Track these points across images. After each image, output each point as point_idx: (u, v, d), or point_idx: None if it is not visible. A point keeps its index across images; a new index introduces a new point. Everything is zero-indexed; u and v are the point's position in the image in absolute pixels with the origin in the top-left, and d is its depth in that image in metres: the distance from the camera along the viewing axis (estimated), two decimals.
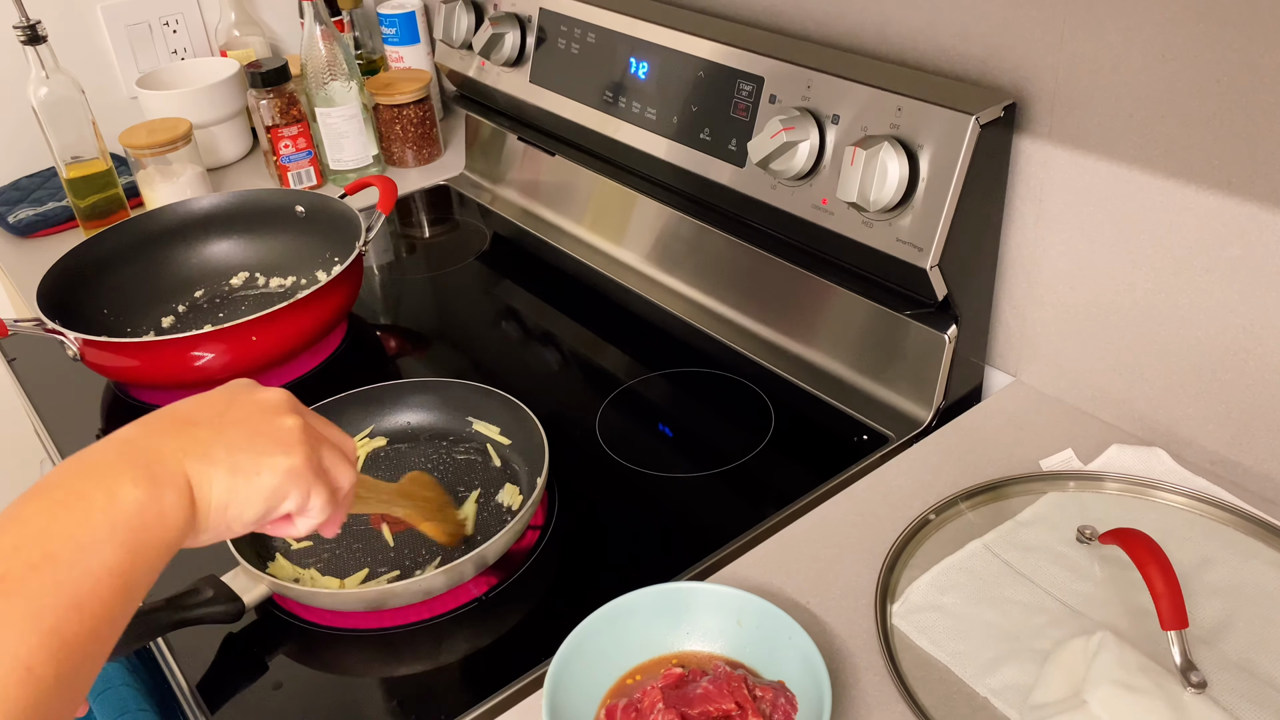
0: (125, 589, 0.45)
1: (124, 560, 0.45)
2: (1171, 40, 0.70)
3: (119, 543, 0.45)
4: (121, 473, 0.47)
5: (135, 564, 0.45)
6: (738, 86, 0.92)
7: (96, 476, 0.46)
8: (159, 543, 0.47)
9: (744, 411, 0.92)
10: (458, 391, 0.88)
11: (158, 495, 0.47)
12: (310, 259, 1.14)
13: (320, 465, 0.56)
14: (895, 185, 0.78)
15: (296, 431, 0.54)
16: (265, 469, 0.52)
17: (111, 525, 0.45)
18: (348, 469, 0.58)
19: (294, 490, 0.54)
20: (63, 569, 0.43)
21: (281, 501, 0.54)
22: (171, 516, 0.48)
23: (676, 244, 1.08)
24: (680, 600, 0.66)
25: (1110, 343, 0.82)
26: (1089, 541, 0.72)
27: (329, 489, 0.56)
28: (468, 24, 1.23)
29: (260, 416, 0.54)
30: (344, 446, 0.59)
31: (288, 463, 0.53)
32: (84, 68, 1.46)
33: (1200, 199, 0.73)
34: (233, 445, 0.52)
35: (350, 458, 0.59)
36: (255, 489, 0.52)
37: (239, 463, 0.51)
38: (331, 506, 0.57)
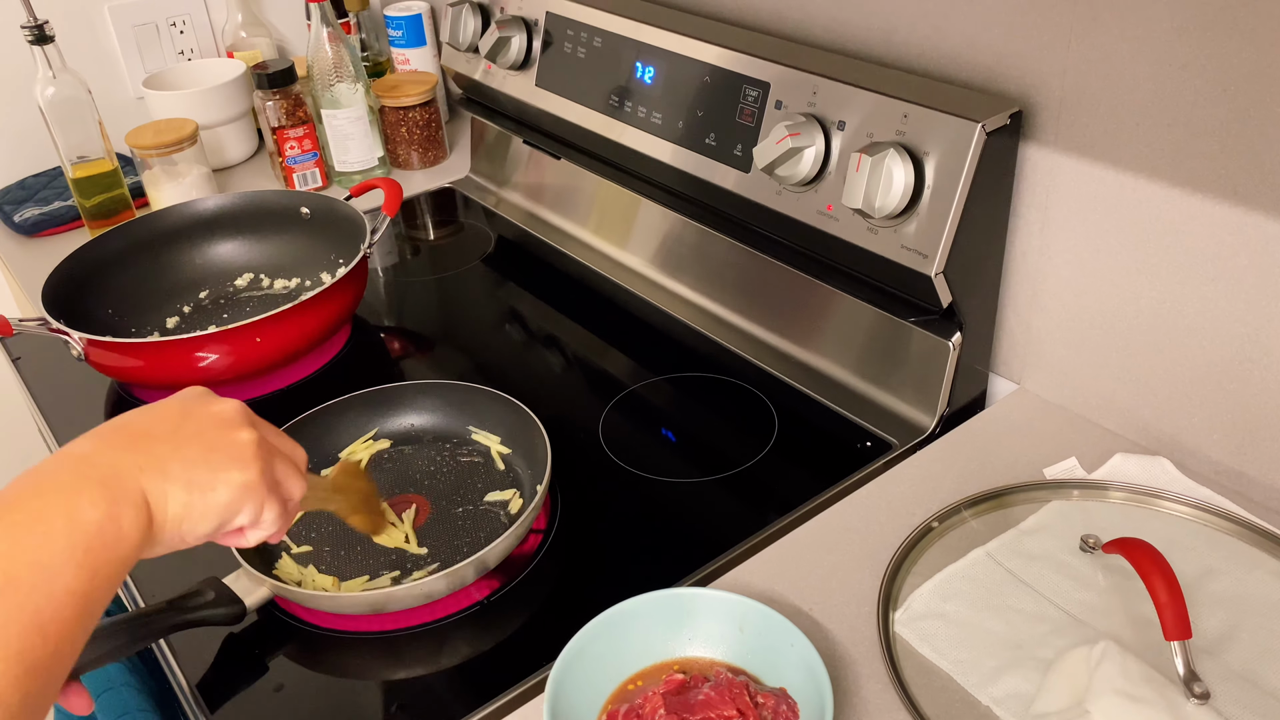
0: (86, 608, 0.45)
1: (85, 581, 0.45)
2: (1179, 49, 0.70)
3: (79, 564, 0.45)
4: (80, 492, 0.47)
5: (95, 583, 0.46)
6: (744, 92, 0.92)
7: (55, 496, 0.46)
8: (117, 560, 0.47)
9: (747, 417, 0.91)
10: (462, 394, 0.88)
11: (116, 514, 0.47)
12: (315, 261, 1.14)
13: (274, 479, 0.56)
14: (900, 192, 0.78)
15: (251, 446, 0.55)
16: (220, 484, 0.53)
17: (71, 547, 0.45)
18: (299, 480, 0.59)
19: (248, 505, 0.54)
20: (24, 592, 0.43)
21: (235, 516, 0.54)
22: (129, 533, 0.48)
23: (680, 248, 1.08)
24: (682, 606, 0.66)
25: (1115, 351, 0.82)
26: (1092, 550, 0.72)
27: (281, 502, 0.57)
28: (474, 27, 1.23)
29: (215, 430, 0.54)
30: (295, 457, 0.60)
31: (242, 478, 0.54)
32: (91, 68, 1.46)
33: (1207, 208, 0.72)
34: (189, 460, 0.52)
35: (301, 468, 0.60)
36: (210, 504, 0.52)
37: (195, 478, 0.52)
38: (284, 519, 0.58)
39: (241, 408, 0.57)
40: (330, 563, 0.78)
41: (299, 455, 0.61)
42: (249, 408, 0.58)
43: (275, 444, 0.58)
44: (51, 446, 1.00)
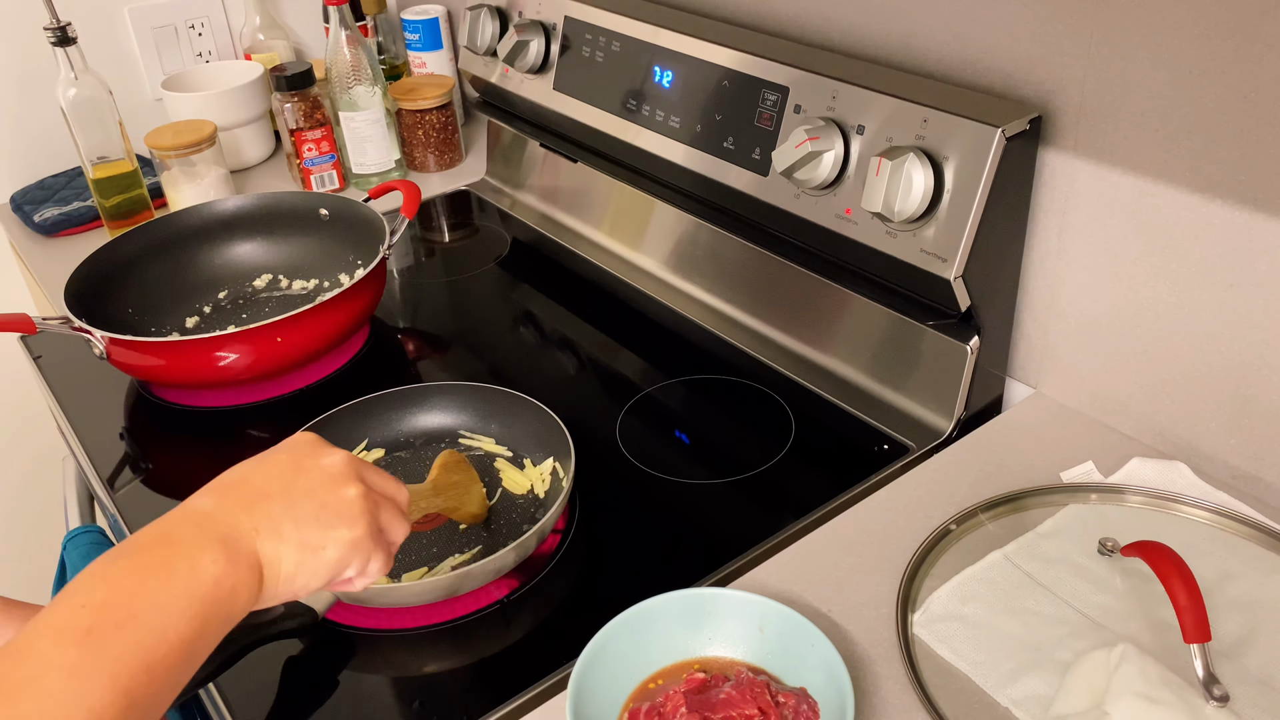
0: (189, 656, 0.48)
1: (195, 629, 0.48)
2: (1199, 56, 0.70)
3: (193, 614, 0.48)
4: (202, 548, 0.50)
5: (204, 633, 0.49)
6: (763, 96, 0.92)
7: (180, 548, 0.50)
8: (225, 615, 0.50)
9: (765, 419, 0.92)
10: (484, 395, 0.89)
11: (233, 572, 0.50)
12: (333, 262, 1.15)
13: (378, 529, 0.59)
14: (920, 196, 0.79)
15: (359, 502, 0.57)
16: (331, 543, 0.55)
17: (189, 596, 0.48)
18: (402, 524, 0.61)
19: (356, 559, 0.57)
20: (144, 632, 0.46)
21: (344, 570, 0.57)
22: (241, 592, 0.51)
23: (697, 251, 1.09)
24: (703, 606, 0.66)
25: (1132, 356, 0.83)
26: (1110, 554, 0.72)
27: (386, 548, 0.59)
28: (493, 31, 1.24)
29: (326, 487, 0.57)
30: (399, 499, 0.62)
31: (351, 535, 0.56)
32: (110, 69, 1.47)
33: (1225, 214, 0.73)
34: (300, 520, 0.55)
35: (403, 510, 0.62)
36: (321, 562, 0.55)
37: (307, 539, 0.54)
38: (389, 564, 0.60)
39: (350, 460, 0.59)
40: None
41: (401, 497, 0.62)
42: (355, 456, 0.60)
43: (381, 490, 0.60)
44: (72, 444, 1.01)
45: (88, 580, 0.47)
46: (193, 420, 0.99)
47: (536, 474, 0.84)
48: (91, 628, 0.45)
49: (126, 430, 0.98)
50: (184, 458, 0.94)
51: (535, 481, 0.84)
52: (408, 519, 0.62)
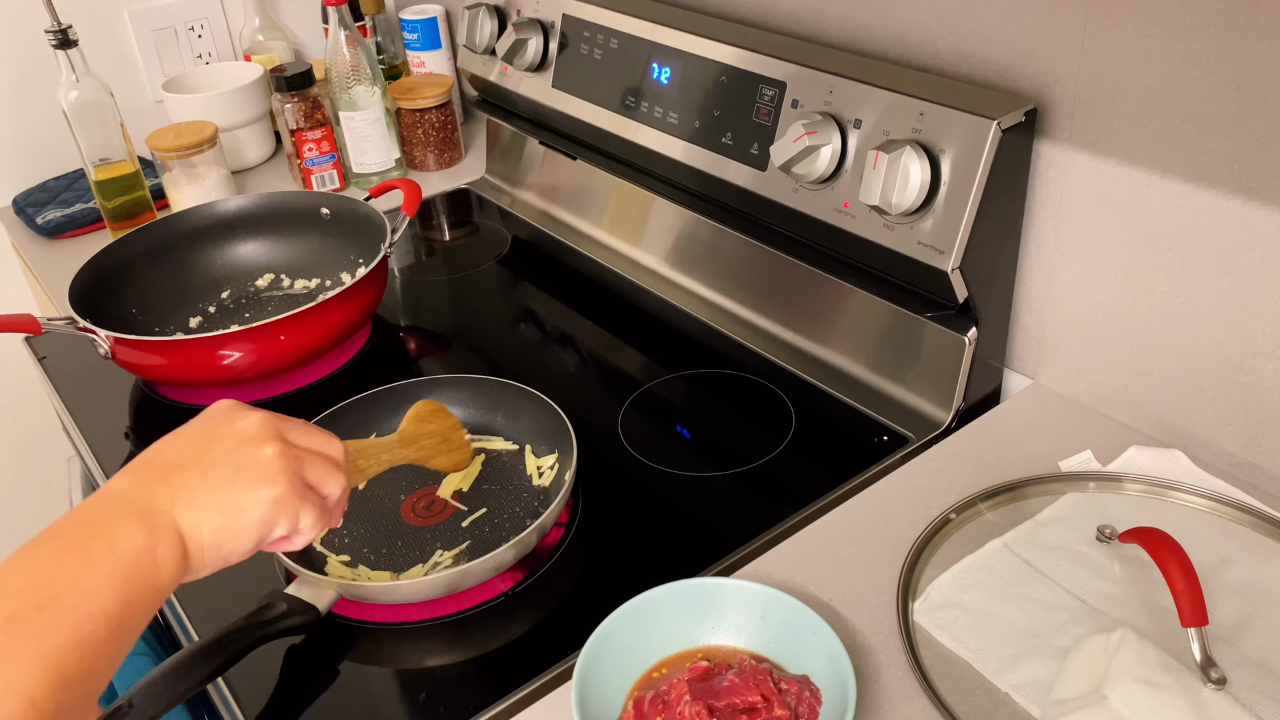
0: (120, 632, 0.49)
1: (121, 605, 0.49)
2: (1192, 47, 0.71)
3: (116, 590, 0.49)
4: (118, 525, 0.51)
5: (131, 608, 0.49)
6: (760, 91, 0.93)
7: (97, 528, 0.50)
8: (152, 588, 0.51)
9: (765, 413, 0.93)
10: (488, 388, 0.90)
11: (152, 545, 0.51)
12: (335, 261, 1.16)
13: (305, 486, 0.58)
14: (917, 189, 0.79)
15: (277, 460, 0.57)
16: (250, 504, 0.55)
17: (110, 573, 0.49)
18: (335, 477, 0.61)
19: (281, 517, 0.56)
20: (66, 611, 0.47)
21: (271, 530, 0.57)
22: (164, 564, 0.51)
23: (696, 246, 1.09)
24: (706, 595, 0.67)
25: (1129, 345, 0.83)
26: (1108, 541, 0.73)
27: (318, 505, 0.59)
28: (491, 29, 1.25)
29: (241, 450, 0.56)
30: (330, 453, 0.61)
31: (271, 494, 0.56)
32: (111, 71, 1.48)
33: (1220, 203, 0.74)
34: (217, 486, 0.55)
35: (337, 462, 0.61)
36: (244, 526, 0.55)
37: (225, 504, 0.54)
38: (324, 519, 0.60)
39: (265, 419, 0.58)
40: (375, 563, 0.79)
41: (334, 449, 0.62)
42: (275, 415, 0.59)
43: (306, 447, 0.60)
44: (78, 444, 1.01)
45: (5, 569, 0.48)
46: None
47: (539, 466, 0.85)
48: (13, 614, 0.45)
49: (131, 430, 0.99)
50: None
51: (537, 474, 0.85)
52: (344, 471, 0.61)
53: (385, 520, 0.82)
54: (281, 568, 0.79)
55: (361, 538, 0.81)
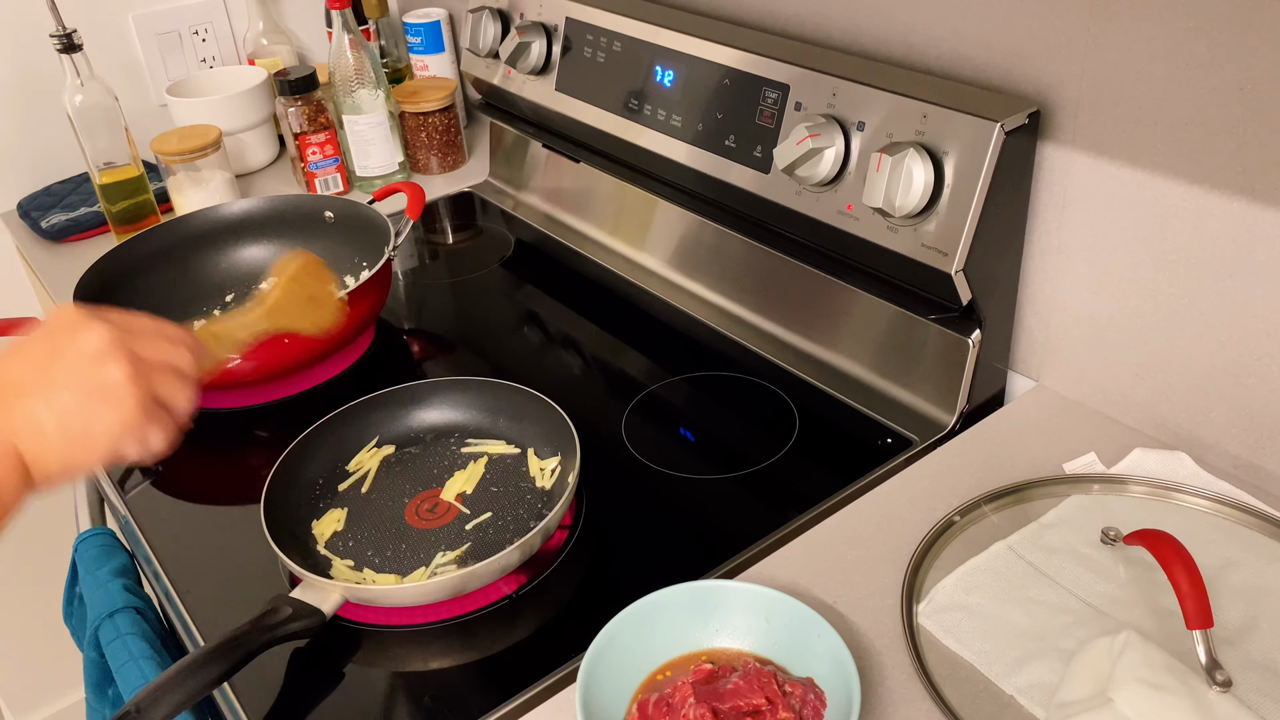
0: None
1: None
2: (1195, 49, 0.71)
3: None
4: None
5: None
6: (763, 94, 0.93)
7: None
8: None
9: (768, 415, 0.93)
10: (491, 390, 0.90)
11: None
12: (339, 264, 1.16)
13: (153, 404, 0.56)
14: (920, 191, 0.79)
15: (125, 383, 0.55)
16: (98, 430, 0.54)
17: None
18: (184, 392, 0.59)
19: (129, 439, 0.56)
20: None
21: (118, 452, 0.56)
22: (6, 488, 0.52)
23: (699, 249, 1.09)
24: (710, 598, 0.67)
25: (1133, 347, 0.83)
26: (1113, 543, 0.73)
27: (165, 420, 0.57)
28: (494, 33, 1.25)
29: (86, 371, 0.54)
30: (179, 363, 0.59)
31: (119, 418, 0.54)
32: (115, 76, 1.48)
33: (1224, 205, 0.73)
34: (63, 412, 0.53)
35: (184, 369, 0.59)
36: (91, 450, 0.54)
37: (71, 430, 0.53)
38: (173, 436, 0.58)
39: (110, 334, 0.55)
40: (379, 566, 0.79)
41: (181, 360, 0.59)
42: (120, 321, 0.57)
43: (154, 359, 0.57)
44: None
45: None
46: (201, 422, 0.99)
47: (542, 468, 0.85)
48: None
49: None
50: (193, 459, 0.95)
51: (541, 476, 0.85)
52: (192, 383, 0.59)
53: (389, 523, 0.82)
54: (286, 571, 0.79)
55: (365, 541, 0.81)
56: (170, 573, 0.82)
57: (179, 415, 0.59)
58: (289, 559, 0.74)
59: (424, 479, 0.86)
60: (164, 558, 0.84)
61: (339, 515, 0.83)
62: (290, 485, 0.83)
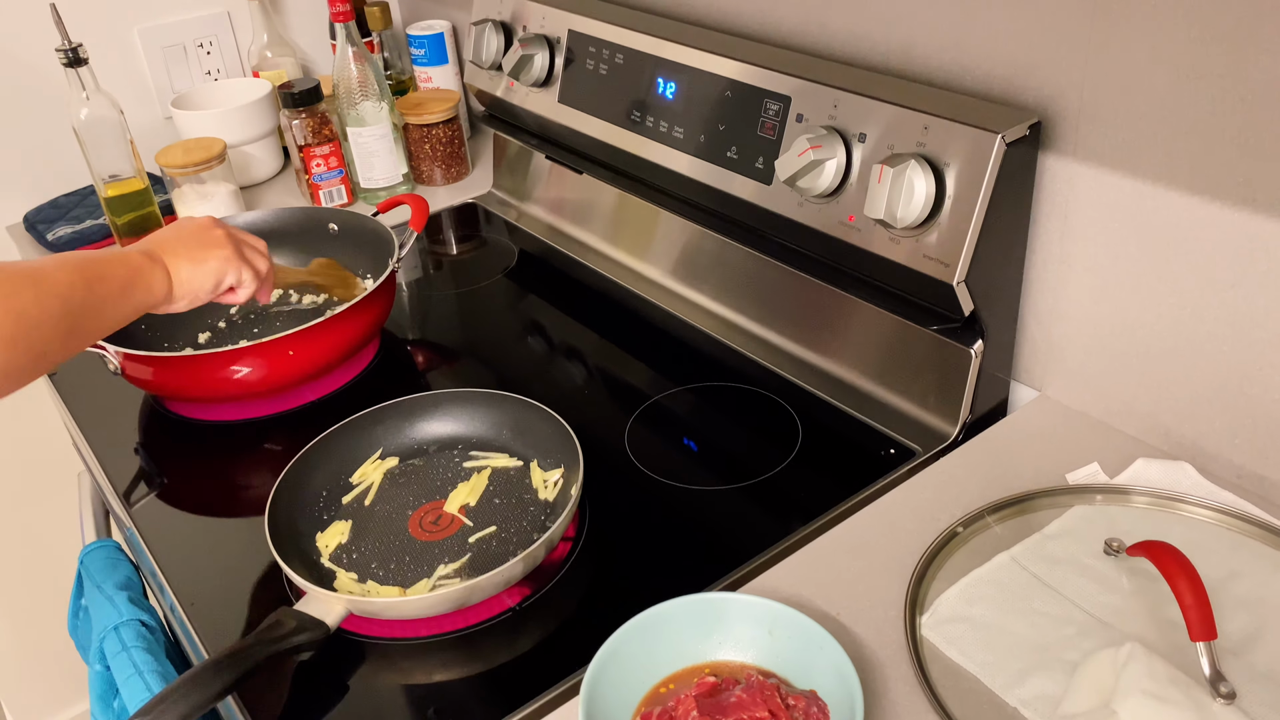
0: (122, 307, 0.77)
1: (124, 283, 0.78)
2: (1196, 60, 0.71)
3: (125, 279, 0.78)
4: (132, 256, 0.81)
5: (129, 290, 0.78)
6: (765, 106, 0.94)
7: (123, 256, 0.80)
8: (146, 287, 0.80)
9: (771, 426, 0.93)
10: (495, 402, 0.90)
11: (150, 266, 0.81)
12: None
13: (244, 256, 0.90)
14: (922, 202, 0.80)
15: (225, 238, 0.88)
16: (210, 258, 0.86)
17: (125, 267, 0.79)
18: (263, 259, 0.93)
19: (230, 269, 0.88)
20: (99, 281, 0.75)
21: (224, 277, 0.88)
22: (157, 280, 0.82)
23: (702, 259, 1.10)
24: (713, 610, 0.67)
25: (1136, 357, 0.83)
26: (1116, 554, 0.73)
27: (253, 270, 0.91)
28: (497, 45, 1.25)
29: (201, 233, 0.88)
30: (259, 246, 0.93)
31: (224, 253, 0.87)
32: (121, 88, 1.49)
33: (1226, 215, 0.74)
34: (189, 245, 0.86)
35: (263, 252, 0.94)
36: (207, 269, 0.86)
37: (194, 255, 0.86)
38: (258, 281, 0.91)
39: (211, 218, 0.91)
40: (383, 578, 0.79)
41: (261, 245, 0.94)
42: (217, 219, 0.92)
43: (243, 238, 0.91)
44: (88, 459, 1.02)
45: (74, 257, 0.74)
46: (207, 434, 1.00)
47: (545, 480, 0.85)
48: (72, 272, 0.72)
49: (141, 445, 1.00)
50: (198, 471, 0.96)
51: (544, 488, 0.85)
52: (268, 258, 0.94)
53: (393, 536, 0.82)
54: (290, 584, 0.80)
55: (369, 554, 0.81)
56: (175, 585, 0.82)
57: (261, 272, 0.92)
58: (293, 571, 0.74)
59: (427, 491, 0.86)
60: (169, 570, 0.84)
61: (343, 528, 0.83)
62: (294, 498, 0.83)
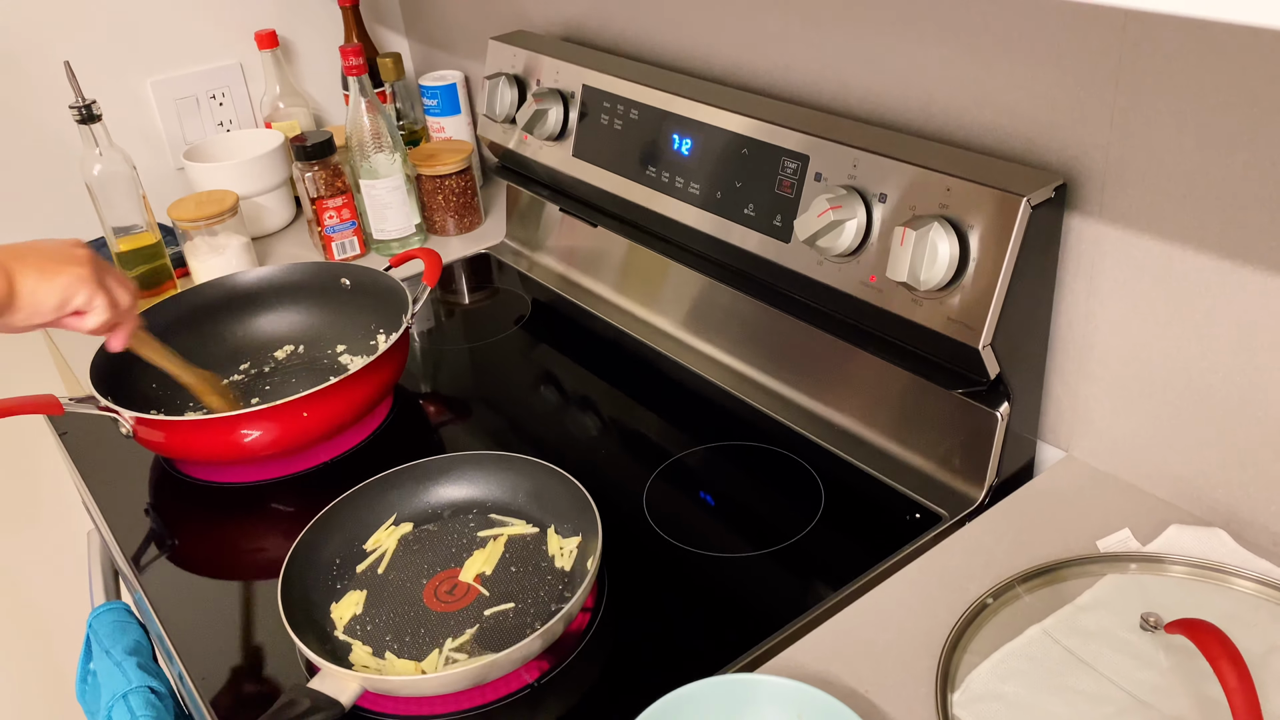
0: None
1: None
2: (1224, 124, 0.70)
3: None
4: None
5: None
6: (782, 164, 0.93)
7: None
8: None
9: (793, 488, 0.91)
10: (510, 465, 0.89)
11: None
12: (355, 332, 1.15)
13: (102, 282, 0.85)
14: (946, 265, 0.78)
15: (85, 256, 0.85)
16: (62, 274, 0.83)
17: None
18: (126, 293, 0.89)
19: (82, 290, 0.84)
20: None
21: (73, 297, 0.83)
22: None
23: (718, 313, 1.08)
24: (740, 693, 0.65)
25: (1166, 419, 0.81)
26: (1154, 630, 0.70)
27: (108, 298, 0.86)
28: (511, 99, 1.25)
29: (61, 249, 0.85)
30: (124, 281, 0.90)
31: (79, 272, 0.84)
32: (133, 140, 1.49)
33: (1257, 278, 0.72)
34: (43, 258, 0.83)
35: (130, 290, 0.90)
36: (55, 284, 0.82)
37: (45, 268, 0.82)
38: (111, 312, 0.87)
39: (78, 240, 0.87)
40: (399, 650, 0.77)
41: (128, 283, 0.90)
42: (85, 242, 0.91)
43: (107, 267, 0.87)
44: (97, 520, 1.01)
45: None
46: (217, 496, 0.99)
47: (563, 548, 0.83)
48: None
49: (151, 506, 0.98)
50: (209, 534, 0.94)
51: (560, 555, 0.83)
52: (133, 294, 0.90)
53: (408, 606, 0.81)
54: (304, 660, 0.78)
55: (384, 625, 0.79)
56: (185, 656, 0.80)
57: (119, 306, 0.88)
58: (306, 646, 0.73)
59: (443, 558, 0.85)
60: (178, 639, 0.82)
61: (358, 598, 0.81)
62: (308, 566, 0.81)
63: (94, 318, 0.85)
